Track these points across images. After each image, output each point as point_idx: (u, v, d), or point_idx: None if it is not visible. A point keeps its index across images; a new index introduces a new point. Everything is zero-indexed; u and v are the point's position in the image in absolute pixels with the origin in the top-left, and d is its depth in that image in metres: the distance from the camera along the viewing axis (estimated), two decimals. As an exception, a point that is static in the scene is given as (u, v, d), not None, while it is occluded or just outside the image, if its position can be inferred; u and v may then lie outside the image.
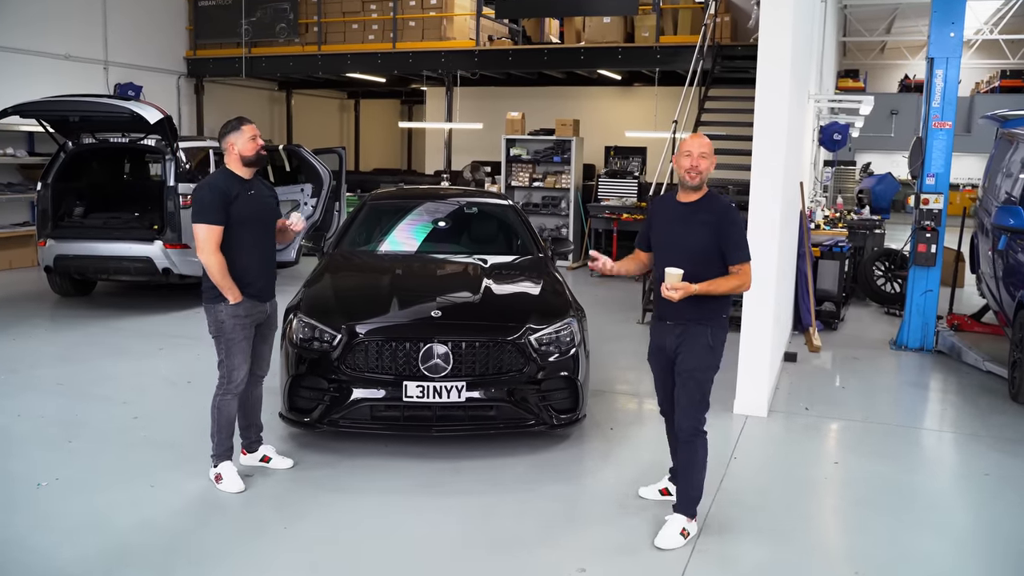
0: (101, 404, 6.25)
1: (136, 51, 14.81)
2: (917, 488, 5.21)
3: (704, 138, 4.28)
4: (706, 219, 4.16)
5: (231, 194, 4.57)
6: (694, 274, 4.05)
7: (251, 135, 4.62)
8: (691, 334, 4.20)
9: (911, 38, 27.10)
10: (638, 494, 4.76)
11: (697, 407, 4.22)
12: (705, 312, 4.18)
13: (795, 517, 4.72)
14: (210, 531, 4.34)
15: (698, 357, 4.20)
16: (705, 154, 4.16)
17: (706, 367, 4.21)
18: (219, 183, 4.62)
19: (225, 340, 4.65)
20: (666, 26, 13.38)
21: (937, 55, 8.15)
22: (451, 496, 4.78)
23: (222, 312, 4.62)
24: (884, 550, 4.33)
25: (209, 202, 4.54)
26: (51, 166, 9.54)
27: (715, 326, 4.20)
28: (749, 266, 4.15)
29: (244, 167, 4.65)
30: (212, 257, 4.54)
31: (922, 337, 8.57)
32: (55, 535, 4.22)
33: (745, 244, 4.16)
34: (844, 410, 6.61)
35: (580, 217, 14.04)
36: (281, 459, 5.11)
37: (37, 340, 8.20)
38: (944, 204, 8.33)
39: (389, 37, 14.66)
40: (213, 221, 4.53)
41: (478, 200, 7.62)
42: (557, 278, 6.17)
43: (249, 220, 4.66)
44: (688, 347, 4.20)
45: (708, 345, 4.19)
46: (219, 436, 4.76)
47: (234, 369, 4.68)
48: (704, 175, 4.18)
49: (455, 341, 5.09)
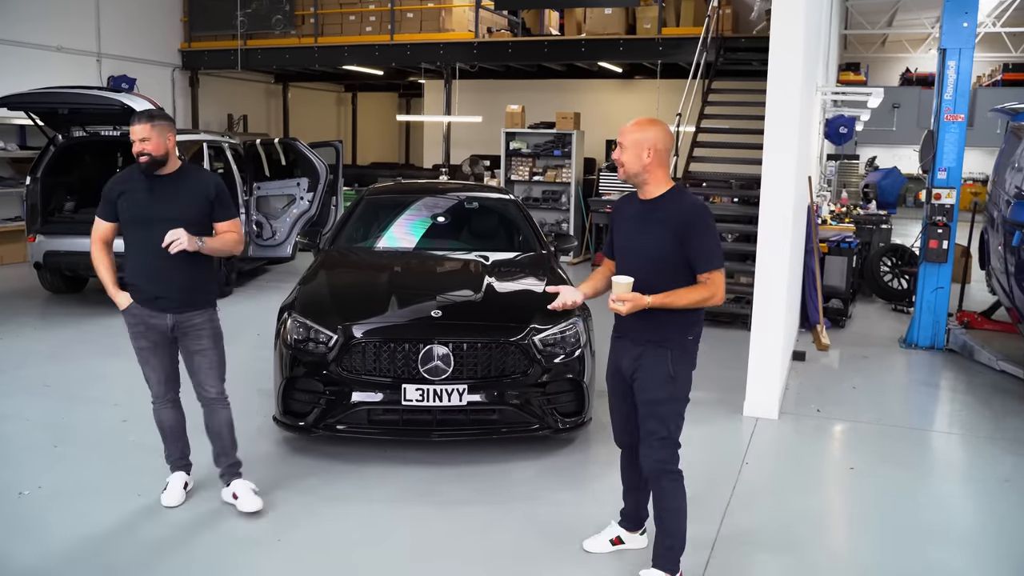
0: (90, 406, 6.04)
1: (130, 43, 14.58)
2: (935, 495, 5.03)
3: (635, 124, 3.55)
4: (662, 218, 3.48)
5: (117, 190, 4.21)
6: (651, 284, 3.43)
7: (134, 137, 4.10)
8: (648, 358, 3.55)
9: (913, 31, 26.86)
10: (584, 548, 4.07)
11: (662, 444, 3.53)
12: (665, 332, 3.52)
13: (813, 527, 4.53)
14: (199, 543, 4.13)
15: (656, 387, 3.53)
16: (624, 145, 3.52)
17: (668, 399, 3.53)
18: (115, 177, 4.34)
19: (135, 351, 4.40)
20: (668, 17, 13.17)
21: (950, 46, 7.94)
22: (452, 505, 4.57)
23: (125, 317, 4.37)
24: (906, 561, 4.14)
25: (103, 195, 4.27)
26: (40, 160, 9.32)
27: (676, 350, 3.52)
28: (720, 275, 3.45)
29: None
30: (94, 247, 4.31)
31: (933, 335, 8.38)
32: (34, 547, 4.02)
33: (714, 249, 3.46)
34: (856, 412, 6.41)
35: (581, 212, 13.83)
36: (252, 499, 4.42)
37: (25, 339, 7.99)
38: (956, 199, 8.13)
39: (387, 29, 14.43)
40: (99, 214, 4.27)
41: (479, 195, 7.40)
42: (561, 275, 5.96)
43: (132, 221, 4.20)
44: (645, 374, 3.56)
45: (668, 375, 3.51)
46: (164, 446, 4.56)
47: (147, 381, 4.43)
48: (631, 168, 3.51)
49: (456, 342, 4.88)
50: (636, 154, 3.49)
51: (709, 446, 5.42)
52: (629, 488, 4.03)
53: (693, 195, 3.64)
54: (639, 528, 4.10)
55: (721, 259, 3.49)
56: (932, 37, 27.40)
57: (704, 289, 3.44)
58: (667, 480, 3.58)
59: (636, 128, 3.53)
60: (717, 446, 5.49)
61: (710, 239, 3.47)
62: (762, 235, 6.00)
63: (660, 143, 3.51)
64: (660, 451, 3.55)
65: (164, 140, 4.14)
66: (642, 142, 3.49)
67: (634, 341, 3.61)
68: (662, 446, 3.55)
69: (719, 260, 3.47)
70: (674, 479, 3.59)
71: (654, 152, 3.49)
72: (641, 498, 4.00)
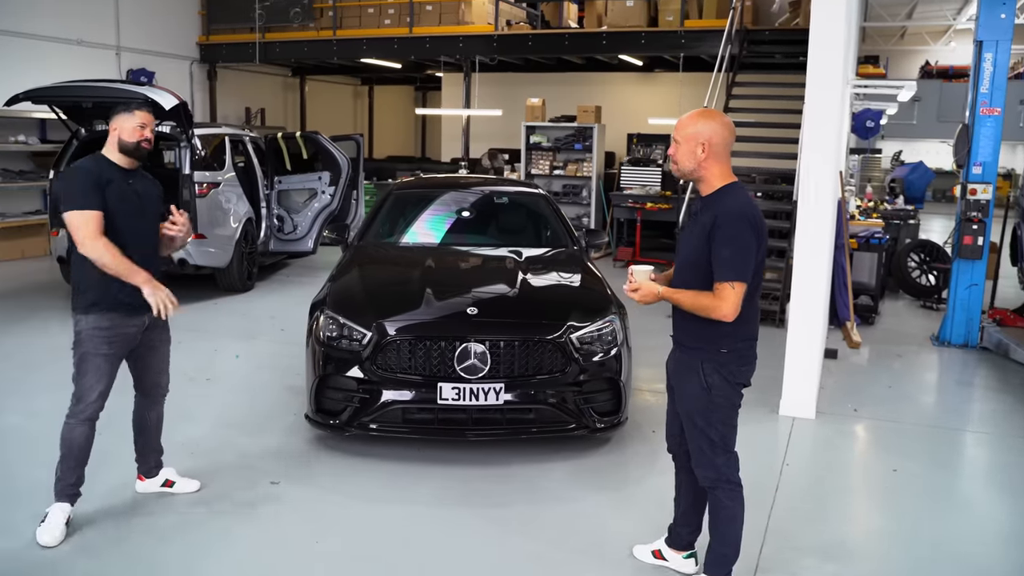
0: (118, 402, 5.93)
1: (148, 36, 14.54)
2: (982, 499, 4.93)
3: (690, 116, 3.35)
4: (703, 219, 3.30)
5: (104, 178, 3.89)
6: (686, 284, 3.33)
7: (140, 122, 3.96)
8: (683, 364, 3.43)
9: (933, 23, 26.59)
10: (632, 553, 3.97)
11: (710, 453, 3.39)
12: (696, 341, 3.36)
13: (861, 533, 4.43)
14: (237, 543, 4.06)
15: (692, 398, 3.38)
16: (678, 140, 3.33)
17: (704, 409, 3.35)
18: (89, 166, 3.95)
19: (78, 354, 3.97)
20: (691, 10, 13.02)
21: (987, 38, 7.79)
22: (490, 508, 4.48)
23: (80, 322, 3.93)
24: (958, 570, 4.03)
25: (79, 186, 3.84)
26: (63, 154, 9.25)
27: (709, 360, 3.32)
28: (728, 289, 3.17)
29: (121, 153, 3.98)
30: (97, 243, 3.80)
31: (966, 333, 8.24)
32: (68, 548, 3.95)
33: (728, 259, 3.18)
34: (894, 411, 6.29)
35: (602, 206, 13.71)
36: (185, 481, 4.50)
37: (50, 335, 7.92)
38: (992, 194, 7.98)
39: (406, 22, 14.34)
40: (87, 206, 3.81)
41: (508, 189, 7.30)
42: (595, 272, 5.86)
43: (120, 214, 3.92)
44: (680, 382, 3.45)
45: (702, 385, 3.33)
46: (61, 468, 4.06)
47: (85, 391, 3.98)
48: (684, 165, 3.32)
49: (492, 340, 4.78)
50: (690, 150, 3.29)
51: (747, 447, 5.22)
52: (677, 501, 3.86)
53: (741, 198, 3.29)
54: (684, 548, 3.86)
55: (736, 273, 3.18)
56: (953, 29, 27.16)
57: (708, 298, 3.23)
58: (721, 491, 3.44)
59: (690, 121, 3.32)
60: (756, 447, 5.36)
61: (727, 248, 3.19)
62: (800, 233, 5.89)
63: (716, 137, 3.27)
64: (710, 461, 3.42)
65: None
66: (696, 136, 3.27)
67: (676, 347, 3.52)
68: (712, 456, 3.41)
69: (732, 273, 3.18)
70: (728, 489, 3.44)
71: (709, 147, 3.26)
72: (684, 517, 3.80)
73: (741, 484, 3.48)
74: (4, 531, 4.10)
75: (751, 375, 3.44)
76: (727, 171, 3.35)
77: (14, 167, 12.28)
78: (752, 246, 3.21)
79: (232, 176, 9.86)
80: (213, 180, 9.23)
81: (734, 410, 3.43)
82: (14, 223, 11.96)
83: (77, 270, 3.98)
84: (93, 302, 3.93)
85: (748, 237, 3.21)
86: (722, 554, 3.49)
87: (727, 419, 3.41)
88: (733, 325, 3.25)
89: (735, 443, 3.48)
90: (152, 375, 4.30)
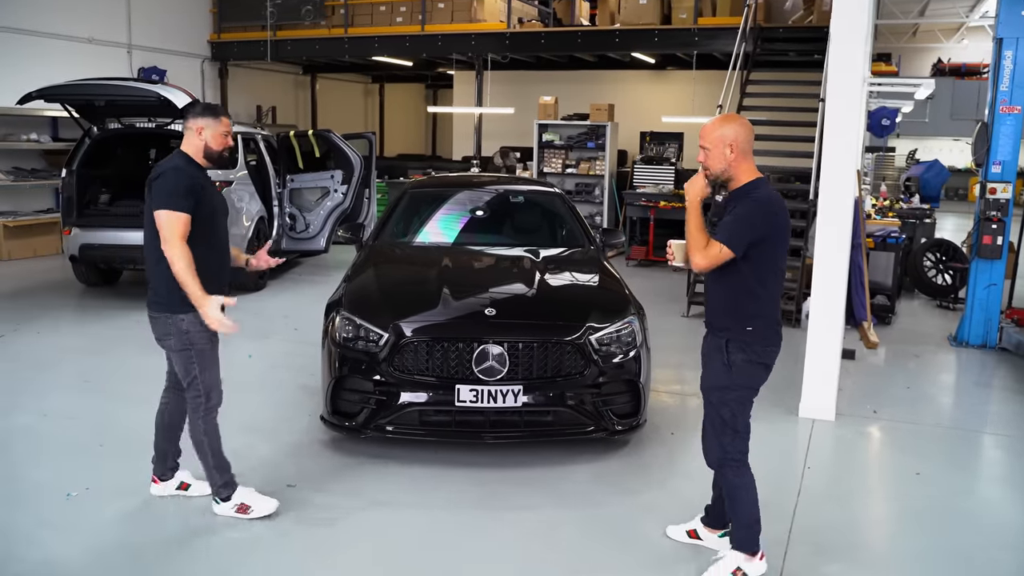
0: (131, 403, 5.92)
1: (160, 34, 14.54)
2: (1007, 503, 4.84)
3: (713, 123, 3.64)
4: (732, 209, 3.60)
5: (199, 183, 3.98)
6: (718, 273, 3.58)
7: (226, 130, 4.08)
8: (709, 344, 3.71)
9: (946, 20, 26.43)
10: (666, 533, 4.14)
11: (720, 430, 3.64)
12: (722, 320, 3.63)
13: (887, 538, 4.38)
14: (258, 549, 4.02)
15: (712, 375, 3.66)
16: (707, 146, 3.60)
17: (720, 388, 3.62)
18: (186, 168, 3.99)
19: (196, 354, 4.00)
20: (704, 7, 12.92)
21: (1007, 35, 7.69)
22: (511, 511, 4.43)
23: (183, 322, 3.94)
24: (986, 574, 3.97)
25: (176, 186, 3.88)
26: (76, 152, 9.25)
27: (735, 339, 3.58)
28: (716, 247, 3.48)
29: (204, 159, 4.06)
30: (180, 246, 3.83)
31: (985, 333, 8.16)
32: (84, 551, 3.92)
33: (735, 231, 3.48)
34: (914, 413, 6.23)
35: (615, 205, 13.63)
36: (202, 484, 4.40)
37: (62, 334, 7.92)
38: (1012, 194, 7.89)
39: (417, 19, 14.28)
40: (179, 208, 3.85)
41: (524, 188, 7.25)
42: (612, 272, 5.81)
43: (215, 215, 4.07)
44: (706, 360, 3.72)
45: (723, 362, 3.59)
46: (218, 466, 4.19)
47: (213, 386, 4.08)
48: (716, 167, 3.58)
49: (511, 342, 4.73)
50: (720, 153, 3.56)
51: (768, 449, 5.22)
52: (715, 483, 3.99)
53: (765, 192, 3.58)
54: (719, 527, 4.01)
55: (729, 238, 3.48)
56: (966, 27, 26.99)
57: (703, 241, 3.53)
58: (728, 468, 3.68)
59: (714, 127, 3.62)
60: (776, 449, 5.31)
61: (732, 218, 3.53)
62: (821, 233, 5.82)
63: (741, 136, 3.57)
64: (717, 440, 3.66)
65: None
66: (723, 139, 3.56)
67: (707, 330, 3.76)
68: (719, 435, 3.65)
69: (727, 237, 3.48)
70: (734, 466, 3.66)
71: (736, 147, 3.56)
72: (721, 498, 3.91)
73: (746, 461, 3.67)
74: (8, 534, 4.08)
75: (775, 356, 3.65)
76: (753, 167, 3.64)
77: (26, 165, 12.28)
78: (758, 229, 3.50)
79: (244, 175, 9.84)
80: (225, 179, 9.20)
81: (751, 392, 3.65)
82: (26, 221, 11.96)
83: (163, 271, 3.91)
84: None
85: (758, 221, 3.50)
86: (744, 528, 3.70)
87: (741, 400, 3.63)
88: (757, 305, 3.57)
89: (746, 427, 3.67)
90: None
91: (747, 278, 3.55)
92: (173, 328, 3.98)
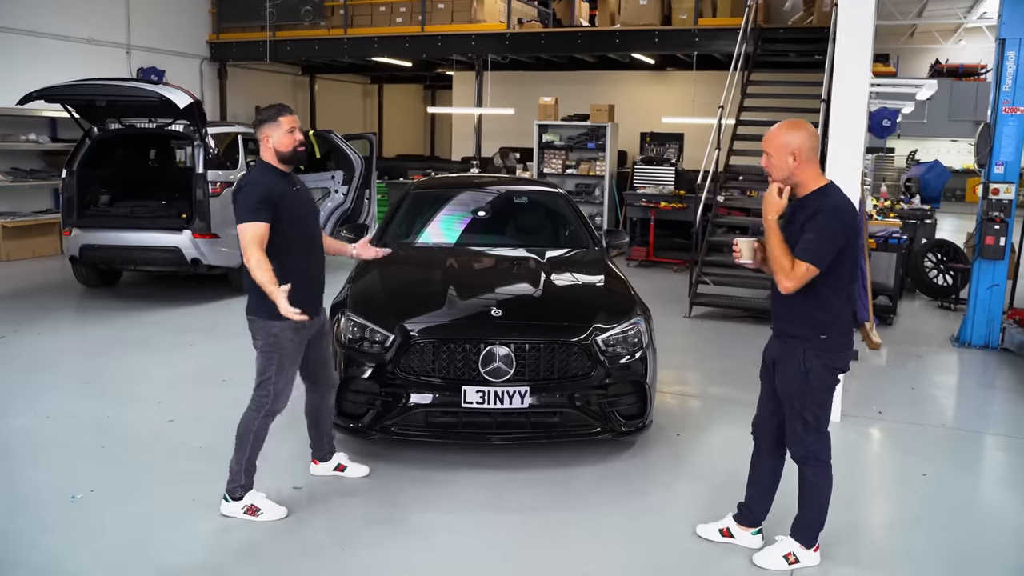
0: (133, 405, 5.92)
1: (159, 35, 14.51)
2: (1009, 503, 4.83)
3: (777, 128, 3.66)
4: (801, 218, 3.61)
5: (278, 190, 4.06)
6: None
7: (289, 127, 4.11)
8: (784, 352, 3.73)
9: (943, 21, 26.46)
10: (696, 533, 4.16)
11: (803, 433, 3.72)
12: (797, 329, 3.66)
13: (897, 540, 4.37)
14: (262, 553, 3.99)
15: (790, 381, 3.69)
16: (769, 152, 3.63)
17: (802, 393, 3.66)
18: (261, 178, 4.10)
19: (278, 356, 4.11)
20: (704, 8, 12.92)
21: (1009, 36, 7.68)
22: (517, 512, 4.41)
23: (275, 326, 4.06)
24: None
25: (248, 200, 3.99)
26: (76, 153, 9.22)
27: (811, 348, 3.62)
28: (802, 267, 3.48)
29: (280, 163, 4.15)
30: (256, 255, 3.92)
31: (987, 334, 8.15)
32: (90, 553, 3.90)
33: (817, 247, 3.49)
34: (919, 414, 6.22)
35: (615, 205, 13.62)
36: (356, 466, 4.77)
37: (63, 335, 7.89)
38: (1015, 194, 7.89)
39: (417, 20, 14.25)
40: (255, 219, 3.95)
41: (527, 188, 7.23)
42: (617, 273, 5.79)
43: (297, 220, 4.15)
44: (782, 367, 3.74)
45: (800, 368, 3.63)
46: (247, 464, 4.22)
47: (282, 390, 4.18)
48: (779, 172, 3.59)
49: (518, 343, 4.70)
50: (782, 160, 3.57)
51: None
52: (751, 482, 4.06)
53: (837, 196, 3.61)
54: (752, 525, 4.06)
55: (813, 256, 3.49)
56: (963, 28, 27.03)
57: (788, 261, 3.51)
58: (810, 468, 3.75)
59: (778, 133, 3.62)
60: (782, 450, 5.30)
61: (812, 233, 3.51)
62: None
63: (804, 144, 3.57)
64: (802, 439, 3.72)
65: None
66: (786, 146, 3.57)
67: (776, 335, 3.82)
68: (804, 435, 3.71)
69: (811, 256, 3.49)
70: (817, 468, 3.75)
71: (799, 154, 3.56)
72: (758, 495, 4.01)
73: (830, 463, 3.77)
74: (10, 538, 4.05)
75: (848, 361, 3.75)
76: (819, 173, 3.66)
77: (25, 166, 12.24)
78: (839, 240, 3.51)
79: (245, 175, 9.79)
80: (226, 179, 9.17)
81: (828, 393, 3.72)
82: (25, 222, 11.92)
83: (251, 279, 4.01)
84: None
85: (838, 231, 3.52)
86: (807, 523, 3.84)
87: (821, 402, 3.70)
88: (830, 314, 3.60)
89: (827, 424, 3.75)
90: (329, 370, 4.55)
91: (821, 288, 3.57)
92: (263, 331, 4.11)
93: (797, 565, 3.85)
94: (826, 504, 3.83)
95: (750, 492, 4.06)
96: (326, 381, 4.54)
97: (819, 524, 3.85)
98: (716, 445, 5.46)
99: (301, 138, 4.20)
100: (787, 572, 3.84)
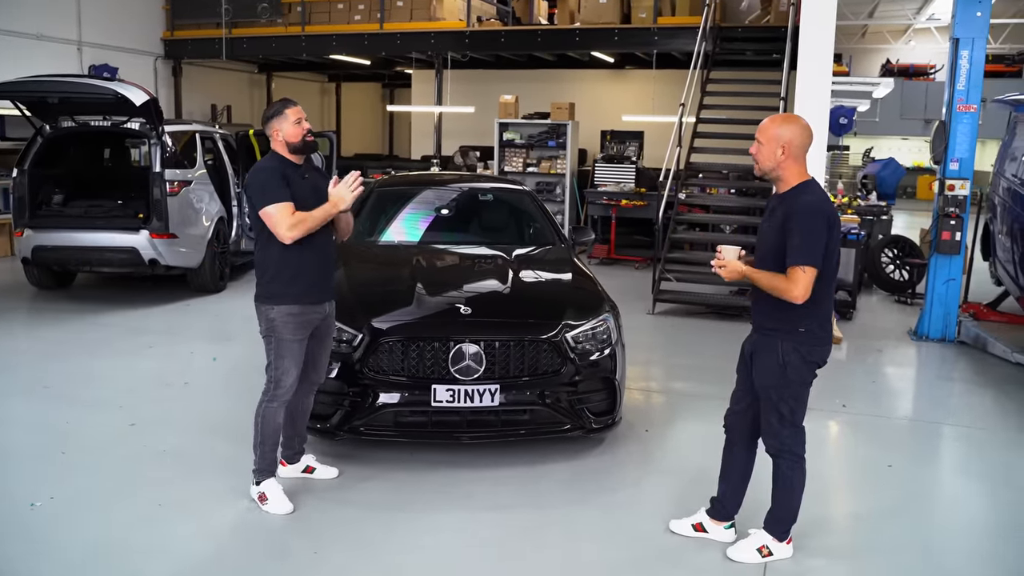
0: (93, 409, 5.78)
1: (111, 31, 14.18)
2: (979, 493, 4.94)
3: (772, 120, 3.70)
4: (781, 212, 3.64)
5: (287, 176, 4.15)
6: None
7: (295, 118, 4.17)
8: (762, 345, 3.76)
9: (894, 22, 27.01)
10: (669, 528, 4.17)
11: (779, 426, 3.75)
12: (775, 322, 3.68)
13: (866, 531, 4.39)
14: (229, 556, 3.92)
15: (768, 373, 3.72)
16: (760, 141, 3.65)
17: (779, 386, 3.70)
18: (268, 164, 4.21)
19: (275, 341, 4.19)
20: (664, 7, 13.00)
21: (963, 35, 7.83)
22: (490, 511, 4.38)
23: (272, 311, 4.16)
24: (968, 563, 4.03)
25: (267, 182, 4.10)
26: (27, 151, 8.97)
27: (788, 340, 3.65)
28: (801, 272, 3.49)
29: (291, 154, 4.22)
30: (296, 227, 4.04)
31: (944, 327, 8.30)
32: (51, 563, 3.79)
33: (800, 245, 3.50)
34: (881, 407, 6.33)
35: (576, 203, 13.65)
36: (325, 468, 4.70)
37: (16, 338, 7.70)
38: (969, 190, 8.05)
39: (376, 18, 14.14)
40: (280, 198, 4.06)
41: (493, 186, 7.20)
42: (585, 270, 5.79)
43: (305, 208, 4.15)
44: (759, 359, 3.77)
45: (779, 362, 3.67)
46: (262, 448, 4.29)
47: (283, 374, 4.20)
48: (765, 164, 3.64)
49: (487, 340, 4.68)
50: (771, 151, 3.61)
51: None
52: (723, 476, 4.09)
53: (816, 193, 3.66)
54: (725, 520, 4.08)
55: (807, 258, 3.50)
56: (913, 28, 27.60)
57: (782, 280, 3.54)
58: (784, 462, 3.79)
59: (773, 124, 3.65)
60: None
61: (799, 236, 3.52)
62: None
63: (796, 140, 3.60)
64: (777, 433, 3.75)
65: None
66: (778, 138, 3.60)
67: (754, 327, 3.85)
68: (779, 428, 3.74)
69: (804, 258, 3.50)
70: (791, 461, 3.78)
71: (788, 149, 3.60)
72: (731, 490, 4.04)
73: (804, 458, 3.81)
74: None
75: (827, 355, 3.76)
76: (803, 171, 3.67)
77: (-28, 166, 11.90)
78: (823, 235, 3.53)
79: (203, 174, 9.65)
80: (184, 178, 9.01)
81: (805, 388, 3.77)
82: (-27, 224, 11.59)
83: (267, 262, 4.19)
84: (283, 293, 4.16)
85: (820, 227, 3.54)
86: (779, 518, 3.88)
87: (798, 396, 3.75)
88: (809, 307, 3.57)
89: (803, 419, 3.80)
90: (319, 367, 4.47)
91: None
92: (263, 317, 4.21)
93: (770, 558, 3.89)
94: (799, 497, 3.87)
95: (722, 487, 4.08)
96: (315, 378, 4.48)
97: (792, 517, 3.89)
98: (685, 440, 5.49)
99: (309, 127, 4.25)
100: (760, 565, 3.88)
